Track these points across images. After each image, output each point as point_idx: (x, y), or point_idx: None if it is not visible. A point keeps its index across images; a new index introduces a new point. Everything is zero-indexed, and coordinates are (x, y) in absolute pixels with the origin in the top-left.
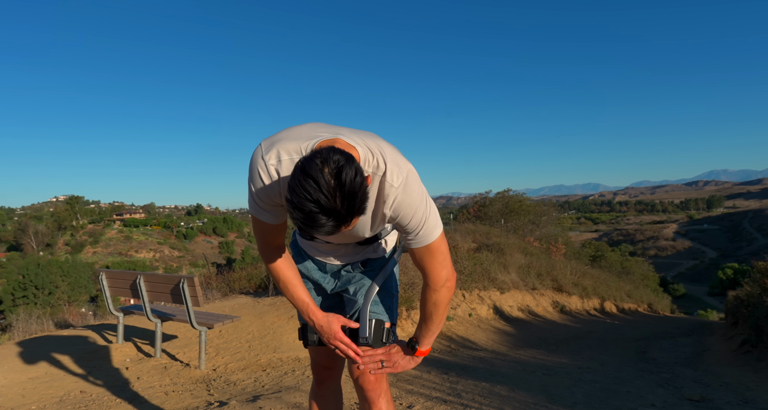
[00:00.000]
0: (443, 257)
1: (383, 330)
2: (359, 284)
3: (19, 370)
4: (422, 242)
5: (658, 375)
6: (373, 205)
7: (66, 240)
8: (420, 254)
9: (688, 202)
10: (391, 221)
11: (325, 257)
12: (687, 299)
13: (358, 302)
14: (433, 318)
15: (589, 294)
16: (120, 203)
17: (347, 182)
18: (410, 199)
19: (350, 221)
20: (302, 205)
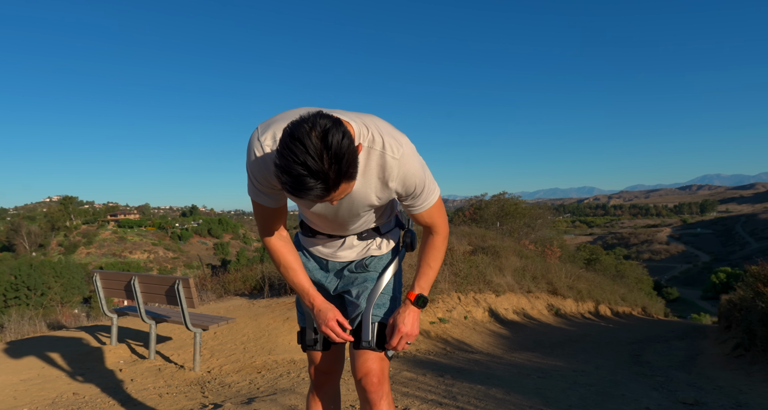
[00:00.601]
0: (443, 211)
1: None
2: (362, 286)
3: (11, 372)
4: (428, 205)
5: (653, 379)
6: (376, 181)
7: (59, 241)
8: (427, 214)
9: (681, 206)
10: (398, 195)
11: (329, 253)
12: (680, 303)
13: (361, 305)
14: (438, 261)
15: (584, 297)
16: (114, 204)
17: (334, 144)
18: (414, 168)
19: (338, 185)
20: (290, 168)
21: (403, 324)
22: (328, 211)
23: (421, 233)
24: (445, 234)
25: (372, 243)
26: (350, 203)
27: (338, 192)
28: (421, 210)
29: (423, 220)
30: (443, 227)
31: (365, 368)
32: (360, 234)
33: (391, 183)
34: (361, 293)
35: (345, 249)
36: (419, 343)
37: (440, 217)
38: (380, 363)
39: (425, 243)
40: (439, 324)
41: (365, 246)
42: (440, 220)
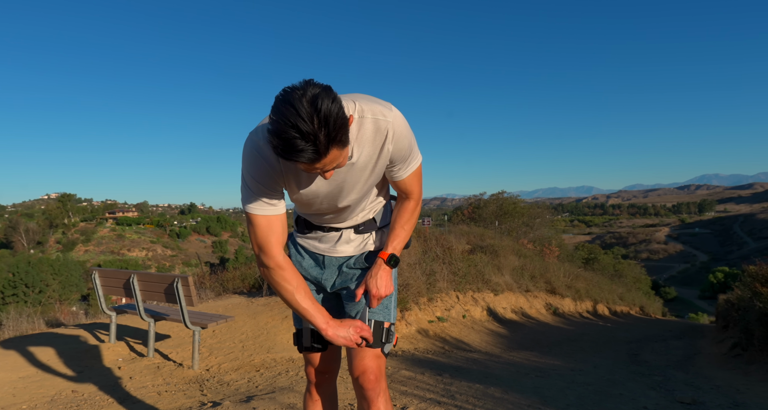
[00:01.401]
0: (421, 178)
1: (382, 330)
2: (359, 285)
3: (9, 369)
4: (411, 170)
5: (650, 378)
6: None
7: (57, 238)
8: (408, 180)
9: (680, 206)
10: (392, 156)
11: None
12: (678, 302)
13: (359, 303)
14: (411, 224)
15: (582, 296)
16: (113, 201)
17: (323, 108)
18: (404, 129)
19: (328, 149)
20: (282, 130)
21: (376, 287)
22: (327, 191)
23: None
24: (418, 200)
25: (369, 238)
26: (348, 176)
27: (329, 158)
28: (404, 176)
29: (403, 187)
30: (418, 194)
31: (362, 366)
32: (357, 228)
33: (387, 145)
34: (359, 291)
35: (342, 244)
36: (418, 342)
37: (418, 184)
38: (377, 360)
39: (399, 207)
40: (438, 323)
41: (362, 240)
42: (417, 187)
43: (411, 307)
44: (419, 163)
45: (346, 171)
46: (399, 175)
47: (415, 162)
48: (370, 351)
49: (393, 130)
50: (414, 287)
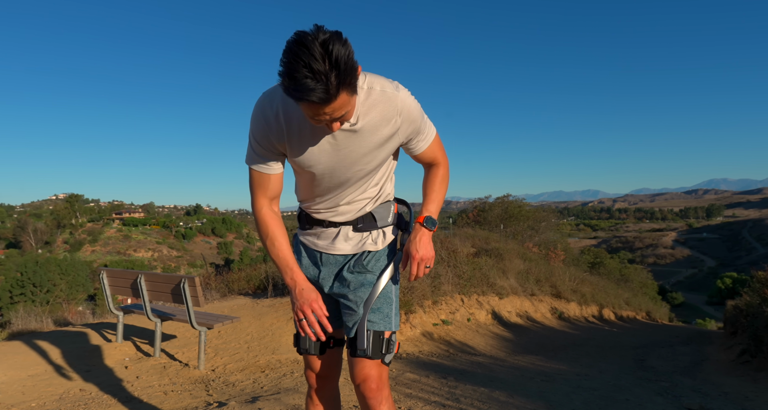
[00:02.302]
0: (442, 146)
1: (382, 340)
2: (360, 291)
3: (19, 367)
4: (429, 138)
5: (657, 384)
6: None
7: (65, 239)
8: (430, 150)
9: (687, 211)
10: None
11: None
12: (685, 308)
13: (358, 312)
14: (443, 186)
15: (588, 301)
16: (119, 202)
17: (335, 51)
18: (412, 102)
19: (338, 91)
20: (293, 70)
21: (416, 250)
22: (329, 157)
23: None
24: (446, 166)
25: (368, 237)
26: (352, 143)
27: (339, 102)
28: (424, 147)
29: (427, 158)
30: (444, 160)
31: (363, 374)
32: (356, 224)
33: (395, 117)
34: (358, 299)
35: (341, 241)
36: (422, 345)
37: (441, 152)
38: (378, 368)
39: (428, 174)
40: (443, 326)
41: (361, 239)
42: (441, 154)
43: (416, 310)
44: (435, 133)
45: (349, 137)
46: (419, 147)
47: (431, 133)
48: (371, 368)
49: (401, 102)
50: (419, 290)
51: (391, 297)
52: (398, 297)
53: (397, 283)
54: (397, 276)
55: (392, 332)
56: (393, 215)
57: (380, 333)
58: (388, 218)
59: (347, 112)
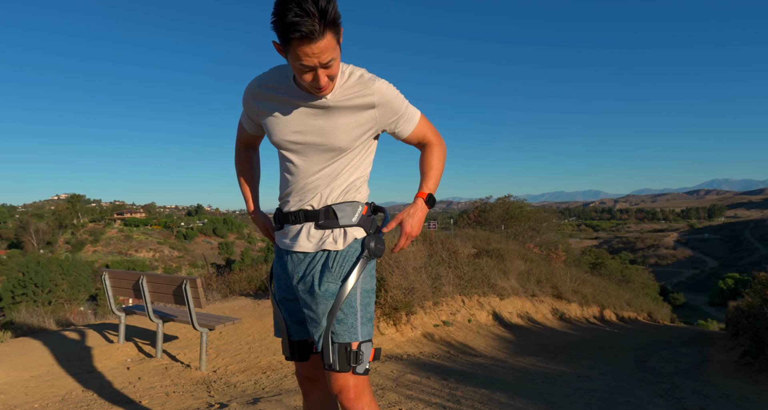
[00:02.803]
0: (432, 126)
1: (349, 352)
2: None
3: (21, 368)
4: (413, 120)
5: (658, 386)
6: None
7: (66, 239)
8: (418, 130)
9: (689, 211)
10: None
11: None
12: (687, 308)
13: (321, 324)
14: (439, 161)
15: (589, 301)
16: (121, 202)
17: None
18: (389, 86)
19: (325, 29)
20: (284, 9)
21: (411, 226)
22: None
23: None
24: (440, 144)
25: (329, 235)
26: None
27: (324, 43)
28: (409, 129)
29: (416, 138)
30: (436, 138)
31: (338, 385)
32: (317, 221)
33: (369, 101)
34: (320, 310)
35: (303, 238)
36: (423, 346)
37: (431, 131)
38: (353, 378)
39: (423, 153)
40: (443, 327)
41: (322, 237)
42: (431, 133)
43: (416, 311)
44: (420, 114)
45: (321, 111)
46: (406, 129)
47: (415, 114)
48: (345, 380)
49: (378, 86)
50: (420, 291)
51: (356, 306)
52: (368, 304)
53: (370, 295)
54: (368, 286)
55: (360, 342)
56: (359, 216)
57: (346, 345)
58: (352, 217)
59: (334, 63)
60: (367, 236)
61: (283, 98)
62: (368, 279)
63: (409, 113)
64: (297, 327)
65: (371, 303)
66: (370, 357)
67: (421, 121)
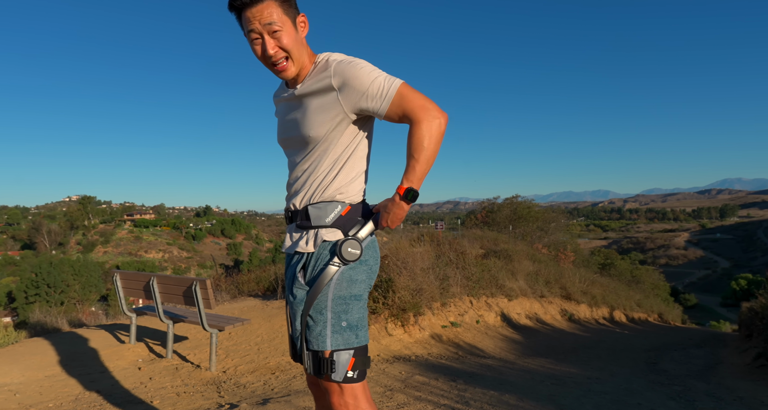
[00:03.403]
0: (413, 94)
1: (321, 359)
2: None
3: (36, 368)
4: (385, 95)
5: (670, 388)
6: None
7: (78, 240)
8: (393, 107)
9: (700, 211)
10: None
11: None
12: (699, 309)
13: (295, 329)
14: (420, 150)
15: (598, 302)
16: (131, 204)
17: None
18: (349, 62)
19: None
20: None
21: (386, 221)
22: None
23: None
24: (428, 119)
25: (304, 236)
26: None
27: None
28: (383, 107)
29: (396, 115)
30: (424, 112)
31: (324, 386)
32: (296, 221)
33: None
34: (296, 313)
35: (287, 239)
36: (431, 347)
37: (415, 103)
38: (338, 396)
39: (408, 137)
40: (451, 328)
41: (297, 238)
42: (416, 106)
43: (424, 312)
44: (396, 87)
45: (293, 102)
46: (378, 107)
47: (389, 89)
48: (330, 385)
49: (336, 66)
50: (427, 292)
51: (325, 314)
52: (344, 311)
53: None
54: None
55: (332, 351)
56: (336, 216)
57: (317, 352)
58: (326, 218)
59: (280, 31)
60: (340, 239)
61: (279, 100)
62: (346, 284)
63: (378, 88)
64: None
65: (350, 310)
66: (349, 366)
67: (398, 94)
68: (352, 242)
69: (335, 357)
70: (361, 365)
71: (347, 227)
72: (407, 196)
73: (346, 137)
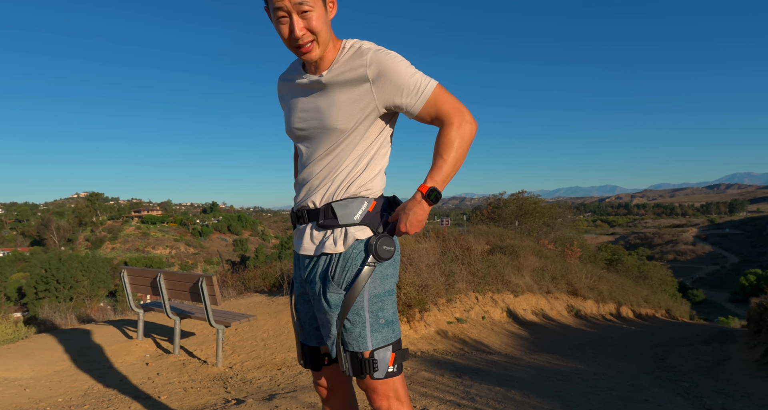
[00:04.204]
0: (449, 96)
1: (361, 360)
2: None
3: (45, 363)
4: (422, 93)
5: (677, 384)
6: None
7: (86, 236)
8: (428, 106)
9: (709, 206)
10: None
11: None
12: (707, 305)
13: (332, 332)
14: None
15: (605, 298)
16: (138, 200)
17: None
18: (386, 53)
19: None
20: None
21: (405, 224)
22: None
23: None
24: (460, 123)
25: (329, 236)
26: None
27: None
28: (418, 105)
29: (429, 116)
30: (456, 116)
31: (363, 385)
32: (318, 220)
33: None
34: (330, 318)
35: (307, 239)
36: (437, 343)
37: (449, 105)
38: (379, 392)
39: (437, 138)
40: (457, 324)
41: (322, 238)
42: (449, 109)
43: (430, 308)
44: (433, 87)
45: (318, 89)
46: (413, 104)
47: (427, 88)
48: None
49: (373, 55)
50: (433, 288)
51: (363, 315)
52: (381, 308)
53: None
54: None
55: (373, 350)
56: (364, 213)
57: (356, 353)
58: (354, 215)
59: (310, 11)
60: (372, 236)
61: (292, 85)
62: (379, 281)
63: (415, 85)
64: (315, 332)
65: (386, 306)
66: (389, 362)
67: (434, 94)
68: (386, 239)
69: (376, 355)
70: (401, 358)
71: (375, 223)
72: (430, 196)
73: (372, 131)
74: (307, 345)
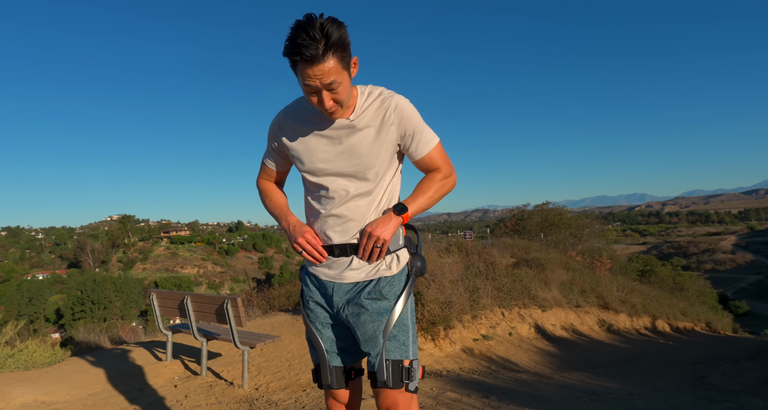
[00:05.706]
0: (446, 156)
1: (401, 369)
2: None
3: (80, 386)
4: (430, 143)
5: (721, 405)
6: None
7: (119, 257)
8: (429, 157)
9: (747, 212)
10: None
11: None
12: (751, 317)
13: (378, 342)
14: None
15: (639, 311)
16: (167, 221)
17: (329, 26)
18: (409, 106)
19: (327, 51)
20: (295, 35)
21: (371, 226)
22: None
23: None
24: (445, 173)
25: (381, 262)
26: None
27: (327, 66)
28: (423, 152)
29: (428, 163)
30: (446, 168)
31: (386, 404)
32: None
33: (390, 113)
34: (376, 329)
35: (353, 269)
36: (463, 361)
37: (443, 160)
38: (402, 396)
39: (425, 177)
40: (483, 342)
41: (374, 266)
42: (443, 162)
43: (455, 325)
44: (437, 142)
45: (347, 131)
46: (421, 150)
47: (432, 139)
48: (396, 398)
49: (395, 103)
50: (457, 304)
51: (407, 324)
52: (414, 323)
53: (413, 311)
54: (412, 303)
55: (411, 360)
56: (401, 238)
57: (399, 362)
58: (399, 240)
59: (338, 86)
60: (411, 256)
61: (308, 125)
62: (412, 297)
63: (427, 134)
64: (339, 354)
65: (414, 321)
66: (420, 375)
67: (437, 147)
68: (421, 257)
69: (414, 365)
70: (422, 375)
71: (410, 245)
72: (398, 207)
73: (393, 166)
74: (333, 366)
